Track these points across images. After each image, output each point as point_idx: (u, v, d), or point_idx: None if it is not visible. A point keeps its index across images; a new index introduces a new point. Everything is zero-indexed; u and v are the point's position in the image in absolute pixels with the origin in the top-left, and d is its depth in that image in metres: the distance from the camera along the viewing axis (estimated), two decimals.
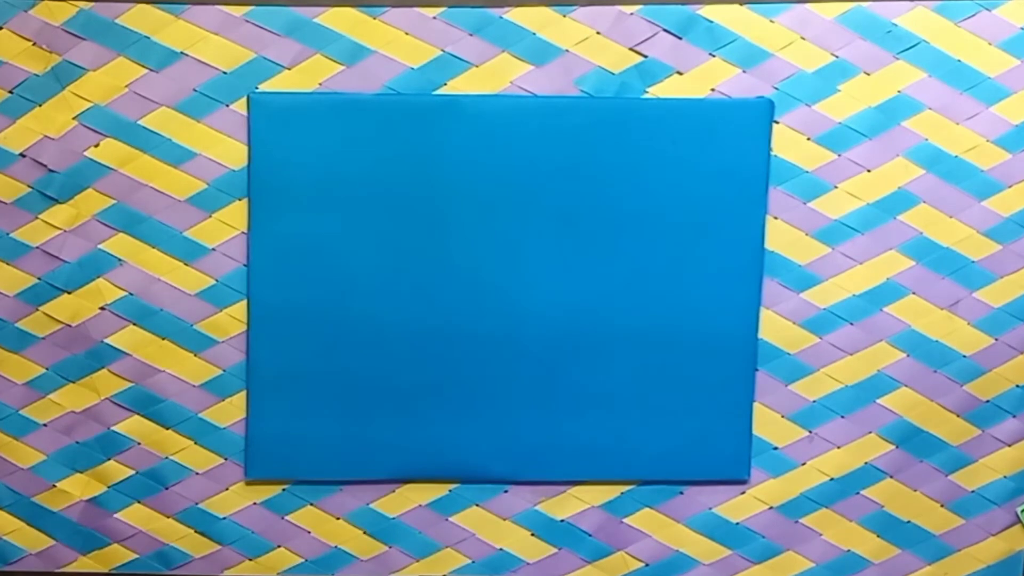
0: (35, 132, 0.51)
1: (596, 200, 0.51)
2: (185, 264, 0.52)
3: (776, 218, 0.52)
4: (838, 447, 0.53)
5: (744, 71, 0.51)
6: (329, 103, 0.50)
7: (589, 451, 0.53)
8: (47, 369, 0.52)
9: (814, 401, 0.53)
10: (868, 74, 0.51)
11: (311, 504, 0.53)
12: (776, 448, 0.53)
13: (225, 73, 0.50)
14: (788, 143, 0.51)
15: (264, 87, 0.50)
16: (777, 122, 0.51)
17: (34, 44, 0.50)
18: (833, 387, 0.53)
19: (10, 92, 0.50)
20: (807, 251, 0.52)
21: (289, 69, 0.50)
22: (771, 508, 0.54)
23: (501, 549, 0.54)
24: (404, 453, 0.52)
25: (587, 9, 0.50)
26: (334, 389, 0.52)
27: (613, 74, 0.51)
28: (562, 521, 0.54)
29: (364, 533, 0.53)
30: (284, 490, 0.53)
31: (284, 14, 0.50)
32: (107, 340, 0.52)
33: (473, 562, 0.54)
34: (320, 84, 0.50)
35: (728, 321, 0.52)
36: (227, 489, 0.53)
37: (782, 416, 0.53)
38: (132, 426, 0.53)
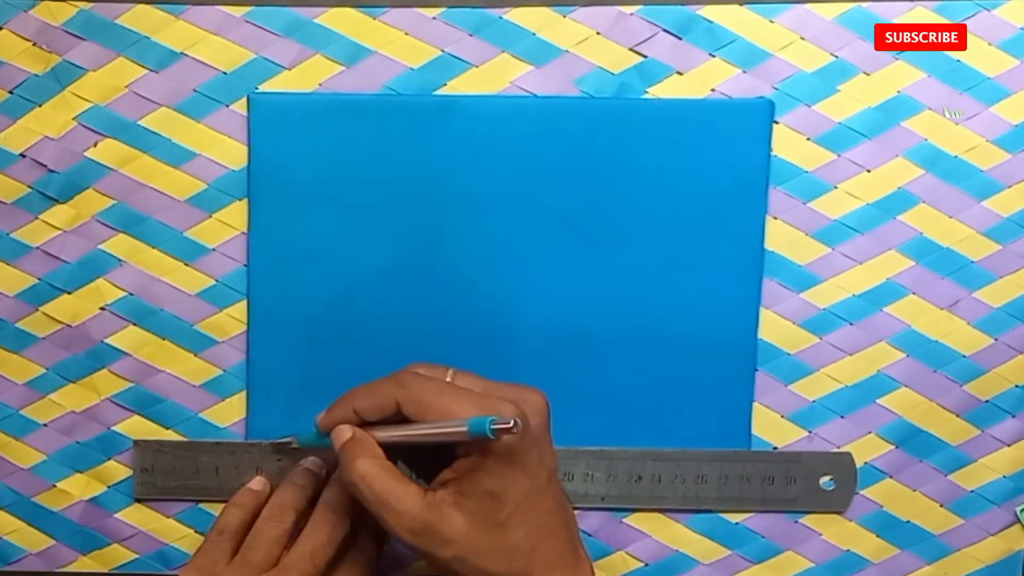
0: (35, 132, 0.51)
1: (596, 200, 0.51)
2: (185, 264, 0.52)
3: (776, 218, 0.52)
4: (838, 447, 0.53)
5: (744, 71, 0.51)
6: (329, 103, 0.50)
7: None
8: (47, 369, 0.52)
9: (814, 401, 0.53)
10: (868, 74, 0.51)
11: None
12: (776, 448, 0.53)
13: (225, 73, 0.50)
14: (788, 143, 0.51)
15: (264, 87, 0.50)
16: (777, 122, 0.51)
17: (34, 44, 0.50)
18: (833, 387, 0.53)
19: (10, 92, 0.50)
20: (807, 251, 0.52)
21: (289, 69, 0.50)
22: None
23: None
24: None
25: (587, 9, 0.50)
26: (334, 389, 0.52)
27: (613, 74, 0.51)
28: None
29: None
30: None
31: (284, 14, 0.50)
32: (107, 340, 0.52)
33: None
34: (320, 84, 0.50)
35: (728, 321, 0.52)
36: None
37: (782, 416, 0.53)
38: (132, 426, 0.53)
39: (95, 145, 0.51)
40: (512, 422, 0.40)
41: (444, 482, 0.44)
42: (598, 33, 0.50)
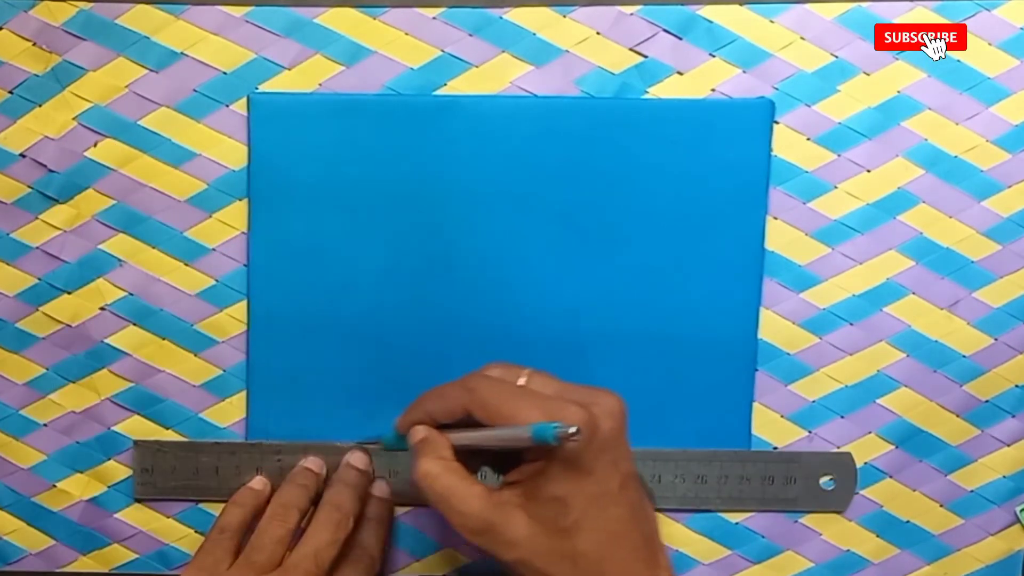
0: (35, 132, 0.51)
1: (596, 200, 0.51)
2: (185, 264, 0.52)
3: (776, 218, 0.52)
4: (838, 447, 0.53)
5: (744, 71, 0.51)
6: (329, 103, 0.50)
7: None
8: (47, 369, 0.52)
9: (814, 401, 0.53)
10: (868, 74, 0.51)
11: None
12: (776, 448, 0.53)
13: (225, 73, 0.50)
14: (788, 143, 0.51)
15: (264, 87, 0.50)
16: (777, 122, 0.51)
17: (34, 44, 0.50)
18: (833, 387, 0.53)
19: (10, 92, 0.50)
20: (807, 251, 0.52)
21: (289, 69, 0.50)
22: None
23: None
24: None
25: (587, 9, 0.50)
26: (334, 389, 0.52)
27: (613, 74, 0.51)
28: None
29: None
30: None
31: (284, 14, 0.50)
32: (107, 340, 0.52)
33: (473, 562, 0.54)
34: (320, 84, 0.50)
35: (728, 321, 0.52)
36: None
37: (782, 416, 0.53)
38: (132, 426, 0.53)
39: (95, 145, 0.51)
40: (575, 429, 0.39)
41: (511, 483, 0.43)
42: (598, 33, 0.50)
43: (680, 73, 0.51)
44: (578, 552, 0.42)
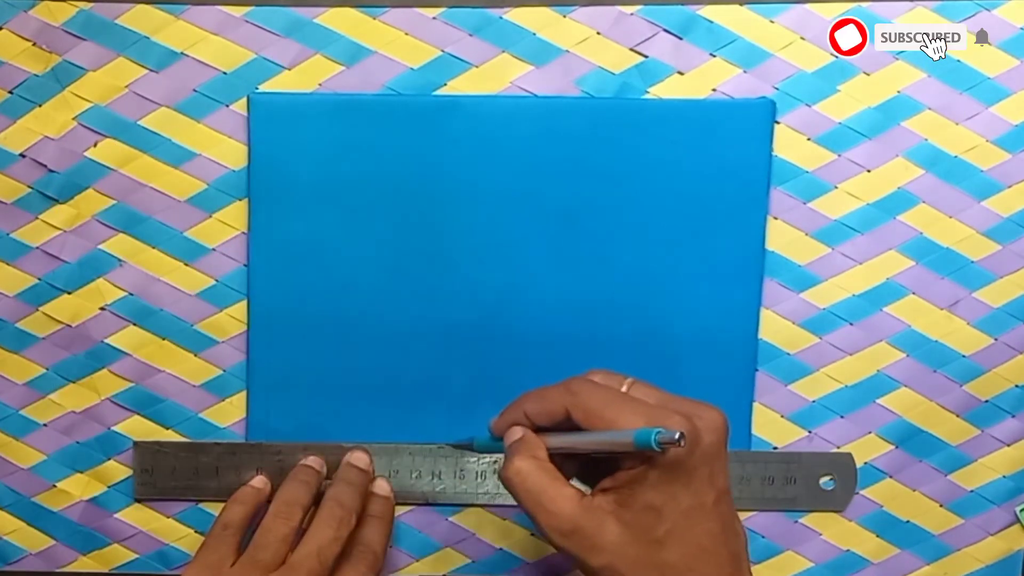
0: (35, 132, 0.51)
1: (596, 200, 0.51)
2: (185, 264, 0.52)
3: (776, 218, 0.52)
4: (838, 447, 0.53)
5: (745, 71, 0.51)
6: (329, 103, 0.50)
7: None
8: (47, 369, 0.52)
9: (814, 401, 0.53)
10: (868, 74, 0.51)
11: None
12: (776, 448, 0.53)
13: (225, 73, 0.50)
14: (788, 143, 0.51)
15: (264, 87, 0.50)
16: (778, 122, 0.51)
17: (34, 44, 0.50)
18: (833, 387, 0.53)
19: (10, 92, 0.50)
20: (807, 251, 0.52)
21: (289, 69, 0.50)
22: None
23: (501, 549, 0.54)
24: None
25: (587, 9, 0.50)
26: (334, 389, 0.52)
27: (613, 74, 0.51)
28: None
29: None
30: None
31: (284, 14, 0.50)
32: (107, 340, 0.52)
33: (473, 562, 0.54)
34: (320, 84, 0.50)
35: (728, 321, 0.52)
36: None
37: (782, 416, 0.53)
38: (132, 426, 0.53)
39: (95, 145, 0.51)
40: (678, 435, 0.38)
41: (604, 489, 0.42)
42: (598, 33, 0.50)
43: (681, 73, 0.51)
44: (666, 563, 0.41)
